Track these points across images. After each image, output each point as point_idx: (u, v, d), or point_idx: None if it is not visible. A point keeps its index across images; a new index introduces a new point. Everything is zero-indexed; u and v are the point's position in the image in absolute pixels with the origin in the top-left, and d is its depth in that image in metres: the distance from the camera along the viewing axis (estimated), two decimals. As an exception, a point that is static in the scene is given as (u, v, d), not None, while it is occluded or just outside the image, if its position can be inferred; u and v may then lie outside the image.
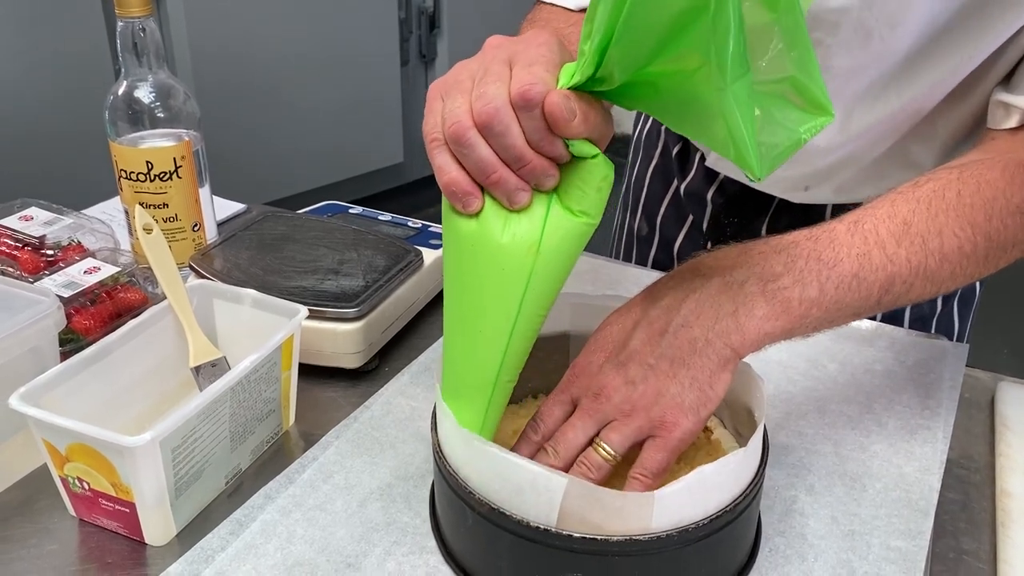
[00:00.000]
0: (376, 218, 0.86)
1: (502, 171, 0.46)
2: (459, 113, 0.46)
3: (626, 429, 0.51)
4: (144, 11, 0.74)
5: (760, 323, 0.51)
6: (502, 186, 0.47)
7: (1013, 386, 0.69)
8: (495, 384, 0.51)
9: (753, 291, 0.51)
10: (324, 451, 0.62)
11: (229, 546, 0.54)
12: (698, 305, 0.51)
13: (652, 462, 0.50)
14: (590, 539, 0.46)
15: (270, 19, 2.22)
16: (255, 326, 0.63)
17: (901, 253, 0.54)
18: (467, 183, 0.47)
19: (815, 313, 0.52)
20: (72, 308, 0.68)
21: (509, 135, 0.45)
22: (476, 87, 0.46)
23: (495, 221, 0.48)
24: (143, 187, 0.76)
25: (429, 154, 0.48)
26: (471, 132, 0.46)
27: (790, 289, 0.52)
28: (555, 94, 0.45)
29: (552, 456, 0.52)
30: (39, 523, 0.57)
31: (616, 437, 0.51)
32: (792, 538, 0.55)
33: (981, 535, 0.57)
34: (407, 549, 0.54)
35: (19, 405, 0.52)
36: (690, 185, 0.90)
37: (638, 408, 0.50)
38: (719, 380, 0.51)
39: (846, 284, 0.53)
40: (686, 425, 0.50)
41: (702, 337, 0.51)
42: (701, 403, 0.50)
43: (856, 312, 0.54)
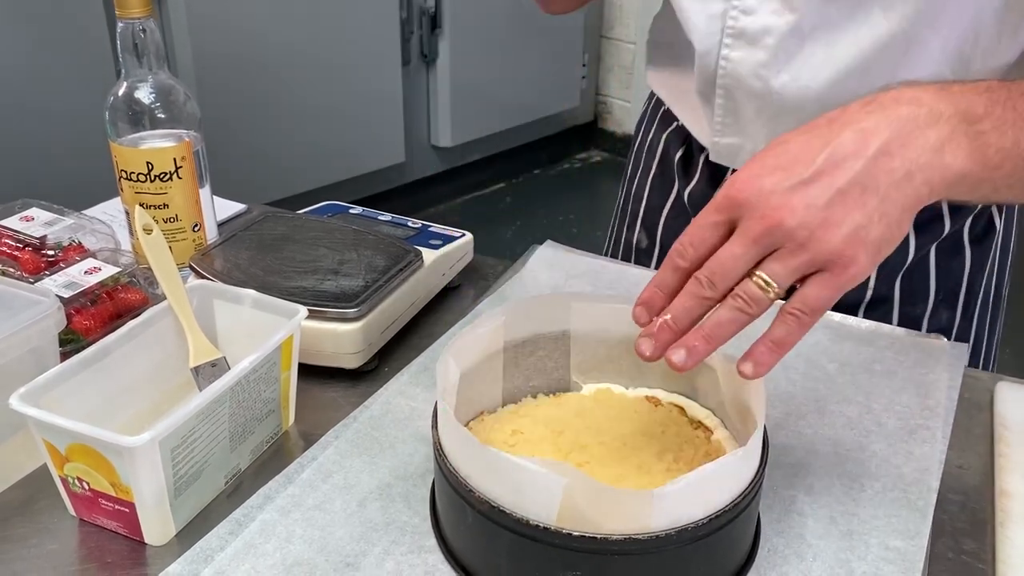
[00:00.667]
0: (376, 218, 0.86)
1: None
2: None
3: (795, 260, 0.46)
4: (144, 12, 0.74)
5: (958, 162, 0.48)
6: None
7: (1012, 386, 0.70)
8: None
9: (957, 128, 0.48)
10: (323, 451, 0.62)
11: (228, 546, 0.54)
12: (902, 133, 0.47)
13: (815, 299, 0.47)
14: (589, 538, 0.46)
15: (271, 19, 2.22)
16: (255, 326, 0.64)
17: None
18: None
19: (1006, 166, 0.49)
20: (72, 308, 0.68)
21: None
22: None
23: None
24: (143, 187, 0.77)
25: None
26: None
27: (988, 134, 0.48)
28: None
29: (707, 287, 0.48)
30: (39, 523, 0.57)
31: (781, 269, 0.46)
32: (791, 538, 0.55)
33: (980, 535, 0.57)
34: (406, 548, 0.54)
35: (19, 405, 0.53)
36: (694, 190, 0.89)
37: (816, 236, 0.46)
38: (907, 219, 0.47)
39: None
40: (863, 262, 0.46)
41: (902, 168, 0.47)
42: (885, 239, 0.47)
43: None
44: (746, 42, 0.73)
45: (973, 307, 0.84)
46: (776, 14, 0.71)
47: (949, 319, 0.83)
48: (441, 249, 0.80)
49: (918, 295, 0.82)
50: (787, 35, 0.71)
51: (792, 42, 0.72)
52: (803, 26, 0.71)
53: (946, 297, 0.83)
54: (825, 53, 0.71)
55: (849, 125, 0.48)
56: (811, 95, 0.73)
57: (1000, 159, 0.49)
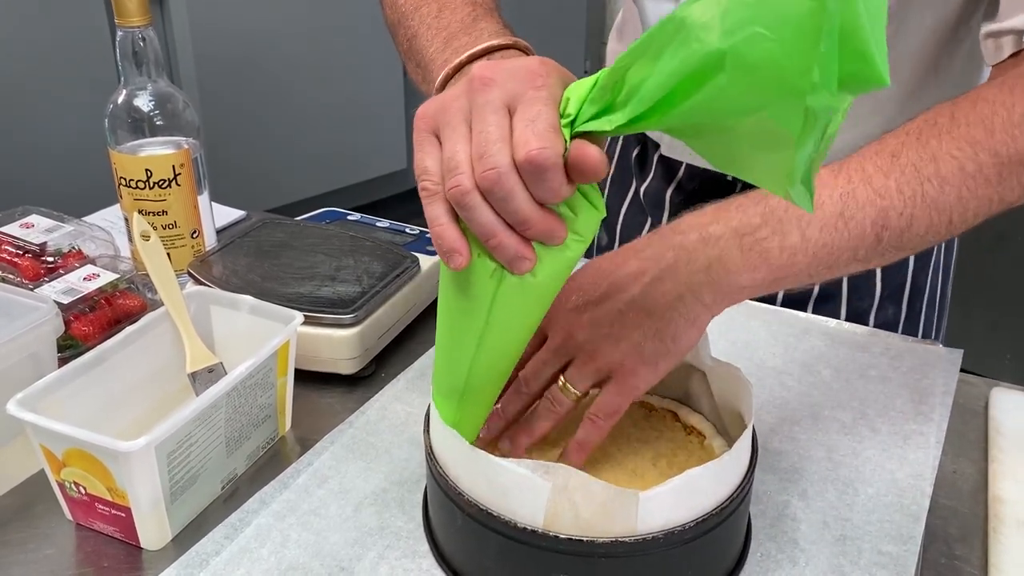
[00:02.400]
0: (374, 224, 0.86)
1: (503, 236, 0.44)
2: (459, 168, 0.43)
3: (587, 368, 0.52)
4: (143, 20, 0.74)
5: (734, 278, 0.51)
6: (502, 252, 0.44)
7: (1007, 392, 0.70)
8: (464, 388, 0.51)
9: (729, 245, 0.51)
10: (319, 456, 0.62)
11: (224, 550, 0.55)
12: (675, 260, 0.52)
13: (605, 404, 0.52)
14: (576, 540, 0.47)
15: (273, 26, 2.23)
16: (252, 332, 0.64)
17: (891, 184, 0.52)
18: (456, 239, 0.45)
19: (801, 260, 0.51)
20: (71, 314, 0.69)
21: (514, 199, 0.43)
22: (475, 137, 0.43)
23: (483, 267, 0.46)
24: (142, 194, 0.77)
25: (422, 199, 0.45)
26: (472, 195, 0.43)
27: (769, 239, 0.51)
28: (589, 148, 0.42)
29: (523, 386, 0.54)
30: (36, 528, 0.58)
31: (577, 375, 0.52)
32: (784, 543, 0.55)
33: (973, 541, 0.57)
34: (400, 553, 0.55)
35: (16, 411, 0.53)
36: (649, 187, 0.90)
37: (600, 351, 0.52)
38: (685, 335, 0.51)
39: (831, 225, 0.52)
40: (643, 373, 0.51)
41: (674, 291, 0.51)
42: (661, 355, 0.51)
43: (855, 254, 0.53)
44: None
45: (919, 304, 0.87)
46: None
47: (895, 314, 0.86)
48: (438, 255, 0.80)
49: (864, 291, 0.84)
50: None
51: None
52: None
53: (892, 293, 0.85)
54: None
55: (636, 254, 0.53)
56: None
57: (788, 256, 0.51)
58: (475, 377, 0.50)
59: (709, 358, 0.57)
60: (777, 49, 0.36)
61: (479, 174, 0.43)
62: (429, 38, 0.59)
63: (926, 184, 0.53)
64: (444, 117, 0.45)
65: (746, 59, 0.37)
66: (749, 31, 0.36)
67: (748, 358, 0.73)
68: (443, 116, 0.45)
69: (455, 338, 0.50)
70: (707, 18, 0.37)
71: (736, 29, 0.37)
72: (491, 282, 0.46)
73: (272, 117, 2.31)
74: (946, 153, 0.53)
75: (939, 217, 0.53)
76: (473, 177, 0.43)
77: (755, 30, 0.36)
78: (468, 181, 0.43)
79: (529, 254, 0.45)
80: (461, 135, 0.44)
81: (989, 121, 0.54)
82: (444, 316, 0.50)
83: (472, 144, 0.43)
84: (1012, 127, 0.53)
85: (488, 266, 0.46)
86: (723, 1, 0.37)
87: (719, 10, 0.37)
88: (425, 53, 0.59)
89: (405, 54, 0.64)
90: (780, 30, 0.36)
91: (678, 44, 0.38)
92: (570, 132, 0.43)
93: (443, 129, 0.45)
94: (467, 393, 0.51)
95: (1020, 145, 0.53)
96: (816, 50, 0.36)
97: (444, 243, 0.45)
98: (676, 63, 0.39)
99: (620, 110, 0.42)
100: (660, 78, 0.39)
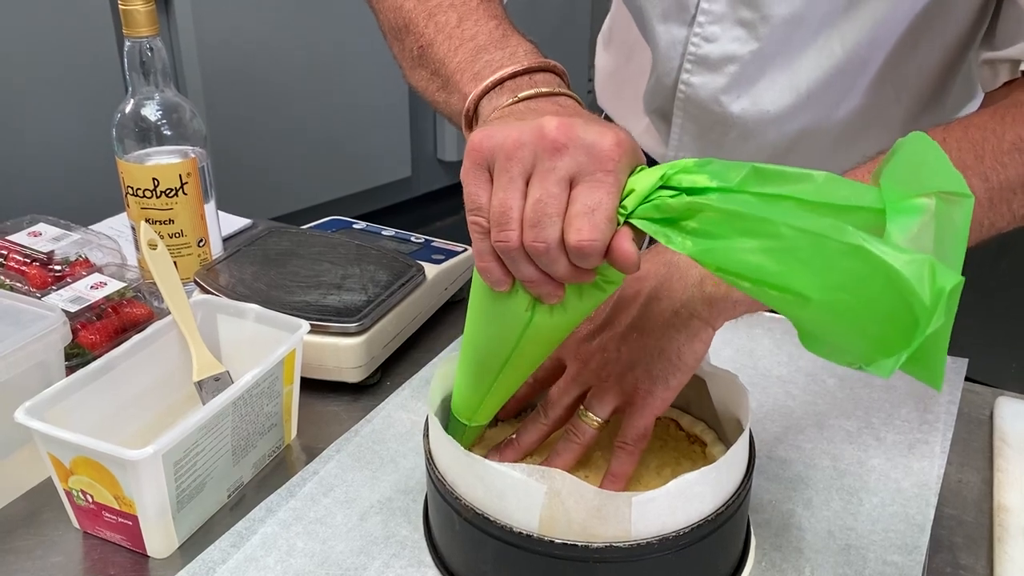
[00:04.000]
0: (380, 233, 0.87)
1: (541, 281, 0.46)
2: (510, 225, 0.44)
3: (605, 396, 0.53)
4: (151, 31, 0.75)
5: (727, 292, 0.51)
6: (537, 289, 0.47)
7: (1012, 401, 0.70)
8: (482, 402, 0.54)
9: None
10: (325, 465, 0.63)
11: (230, 558, 0.55)
12: (669, 279, 0.52)
13: (631, 429, 0.52)
14: (571, 545, 0.47)
15: (278, 36, 2.24)
16: (258, 341, 0.64)
17: None
18: (501, 276, 0.47)
19: None
20: (78, 323, 0.69)
21: (554, 267, 0.45)
22: (533, 202, 0.44)
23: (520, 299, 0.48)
24: (149, 203, 0.78)
25: (471, 232, 0.47)
26: (518, 252, 0.45)
27: None
28: (627, 245, 0.43)
29: (542, 416, 0.54)
30: (43, 535, 0.58)
31: (597, 404, 0.53)
32: (788, 552, 0.55)
33: (978, 550, 0.57)
34: (405, 562, 0.55)
35: (24, 419, 0.53)
36: None
37: (612, 375, 0.52)
38: (689, 351, 0.52)
39: None
40: (658, 392, 0.52)
41: (670, 309, 0.52)
42: (669, 372, 0.52)
43: None
44: (707, 68, 0.74)
45: None
46: (739, 42, 0.72)
47: None
48: (443, 264, 0.80)
49: None
50: (749, 62, 0.73)
51: (754, 69, 0.73)
52: (766, 53, 0.72)
53: None
54: (787, 79, 0.73)
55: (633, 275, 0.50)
56: (769, 119, 0.75)
57: None
58: (495, 392, 0.53)
59: (708, 365, 0.57)
60: (870, 318, 0.38)
61: (528, 241, 0.44)
62: (451, 48, 0.58)
63: None
64: (502, 162, 0.45)
65: (831, 311, 0.39)
66: (845, 297, 0.38)
67: (752, 367, 0.73)
68: (502, 160, 0.45)
69: (481, 360, 0.52)
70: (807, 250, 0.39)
71: (837, 288, 0.38)
72: (526, 314, 0.48)
73: (276, 126, 2.31)
74: None
75: None
76: (521, 238, 0.44)
77: (848, 298, 0.38)
78: (516, 240, 0.44)
79: (560, 292, 0.47)
80: (517, 189, 0.44)
81: (979, 147, 0.54)
82: (473, 338, 0.52)
83: (527, 206, 0.44)
84: (1002, 154, 0.54)
85: (524, 299, 0.48)
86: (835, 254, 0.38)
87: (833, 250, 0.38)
88: (447, 63, 0.58)
89: (413, 60, 0.63)
90: (873, 311, 0.38)
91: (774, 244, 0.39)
92: (622, 222, 0.44)
93: (499, 174, 0.45)
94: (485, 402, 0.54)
95: (1010, 173, 0.54)
96: (893, 348, 0.38)
97: (490, 277, 0.47)
98: (763, 261, 0.40)
99: (687, 237, 0.42)
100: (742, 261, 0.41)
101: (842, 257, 0.38)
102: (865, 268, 0.37)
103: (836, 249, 0.38)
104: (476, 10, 0.60)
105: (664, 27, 0.76)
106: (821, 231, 0.38)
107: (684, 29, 0.74)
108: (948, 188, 0.40)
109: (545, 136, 0.44)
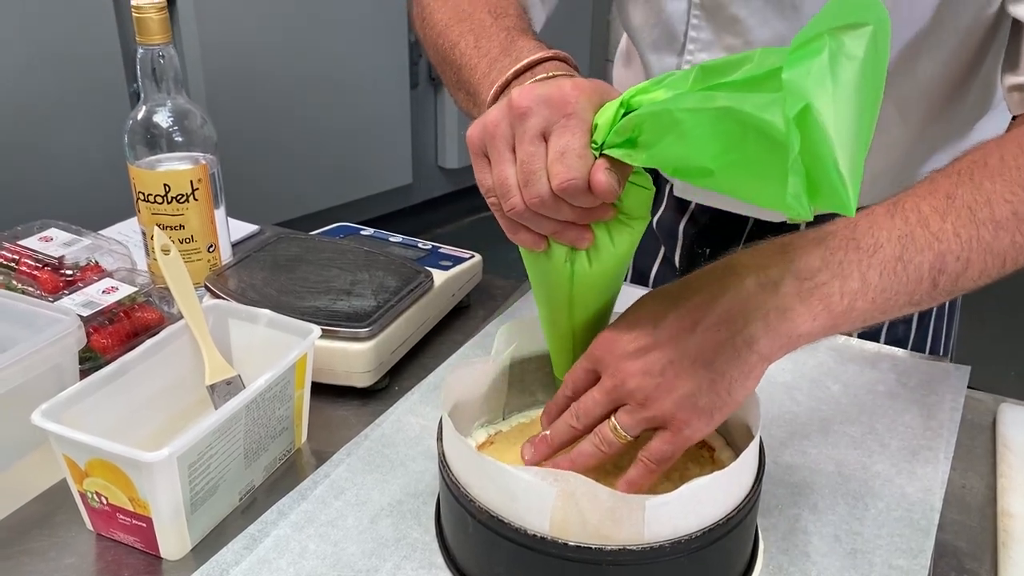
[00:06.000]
0: (387, 240, 0.87)
1: (562, 230, 0.50)
2: (511, 193, 0.48)
3: (638, 416, 0.51)
4: (164, 39, 0.76)
5: (793, 326, 0.49)
6: (564, 238, 0.50)
7: (1014, 408, 0.70)
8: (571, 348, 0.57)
9: (788, 291, 0.50)
10: (336, 468, 0.63)
11: (243, 560, 0.55)
12: (730, 306, 0.50)
13: (658, 451, 0.51)
14: (584, 547, 0.47)
15: (282, 44, 2.25)
16: (269, 345, 0.65)
17: (948, 228, 0.51)
18: (530, 240, 0.51)
19: (861, 305, 0.50)
20: (91, 327, 0.70)
21: (560, 213, 0.48)
22: (520, 166, 0.48)
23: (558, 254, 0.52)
24: (160, 209, 0.78)
25: (493, 212, 0.51)
26: (527, 213, 0.49)
27: (829, 284, 0.50)
28: (600, 175, 0.46)
29: (575, 421, 0.54)
30: (57, 537, 0.58)
31: (628, 421, 0.51)
32: (795, 556, 0.56)
33: (982, 555, 0.58)
34: (416, 564, 0.55)
35: (41, 421, 0.54)
36: (662, 217, 0.91)
37: (651, 400, 0.50)
38: (741, 386, 0.50)
39: (890, 269, 0.50)
40: (697, 425, 0.50)
41: (729, 341, 0.49)
42: (716, 407, 0.50)
43: (911, 298, 0.52)
44: None
45: (928, 320, 0.87)
46: None
47: (905, 331, 0.86)
48: (451, 270, 0.81)
49: None
50: None
51: None
52: None
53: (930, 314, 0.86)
54: None
55: (689, 297, 0.51)
56: None
57: (849, 301, 0.50)
58: (579, 347, 0.56)
59: None
60: (760, 167, 0.41)
61: (527, 200, 0.48)
62: (472, 67, 0.62)
63: (981, 228, 0.52)
64: (489, 142, 0.50)
65: (732, 174, 0.43)
66: (736, 158, 0.42)
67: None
68: (488, 140, 0.50)
69: (552, 320, 0.56)
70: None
71: (726, 151, 0.42)
72: (567, 266, 0.52)
73: (278, 133, 2.32)
74: (1000, 197, 0.52)
75: (993, 261, 0.53)
76: (523, 200, 0.48)
77: (738, 157, 0.42)
78: (520, 203, 0.48)
79: (587, 234, 0.50)
80: (507, 160, 0.49)
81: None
82: (540, 303, 0.57)
83: (518, 171, 0.48)
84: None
85: (561, 252, 0.52)
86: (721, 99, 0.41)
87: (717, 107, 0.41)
88: (472, 81, 0.62)
89: (454, 87, 0.67)
90: (762, 145, 0.40)
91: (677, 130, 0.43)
92: (598, 155, 0.47)
93: (491, 153, 0.50)
94: (578, 349, 0.56)
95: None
96: (793, 187, 0.40)
97: (524, 243, 0.51)
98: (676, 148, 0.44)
99: (641, 150, 0.46)
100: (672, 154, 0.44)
101: (719, 123, 0.41)
102: (737, 126, 0.41)
103: (713, 116, 0.41)
104: (490, 28, 0.64)
105: (656, 56, 0.77)
106: (696, 105, 0.42)
107: (675, 58, 0.76)
108: (848, 22, 0.41)
109: (512, 106, 0.48)
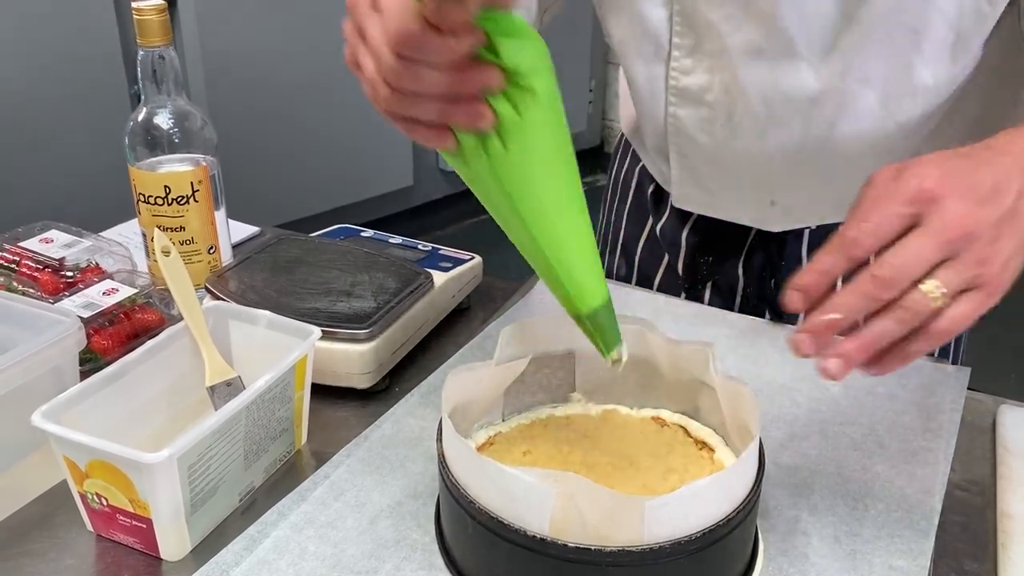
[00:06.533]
0: (387, 241, 0.88)
1: (449, 110, 0.47)
2: (376, 84, 0.48)
3: (968, 273, 0.46)
4: (164, 41, 0.76)
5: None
6: (459, 121, 0.47)
7: (1014, 409, 0.70)
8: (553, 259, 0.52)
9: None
10: (335, 469, 0.63)
11: (243, 561, 0.55)
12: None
13: (963, 316, 0.46)
14: (584, 548, 0.47)
15: (282, 46, 2.25)
16: (269, 346, 0.65)
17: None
18: (431, 136, 0.49)
19: None
20: (91, 328, 0.70)
21: (428, 84, 0.46)
22: (369, 48, 0.47)
23: (468, 145, 0.49)
24: (161, 210, 0.78)
25: (394, 122, 0.50)
26: (396, 97, 0.47)
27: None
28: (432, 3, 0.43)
29: (884, 289, 0.46)
30: (57, 538, 0.58)
31: (955, 278, 0.45)
32: (795, 557, 0.56)
33: (982, 556, 0.58)
34: (416, 565, 0.55)
35: (41, 422, 0.54)
36: (665, 225, 0.91)
37: (993, 259, 0.46)
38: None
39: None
40: (1005, 288, 0.47)
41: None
42: (1015, 274, 0.48)
43: None
44: (689, 101, 0.76)
45: None
46: (711, 72, 0.73)
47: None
48: (451, 272, 0.81)
49: None
50: (722, 92, 0.74)
51: (728, 99, 0.74)
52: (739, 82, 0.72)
53: None
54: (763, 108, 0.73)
55: (1000, 163, 0.48)
56: (755, 149, 0.75)
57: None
58: (553, 248, 0.51)
59: (718, 373, 0.58)
60: None
61: (385, 78, 0.47)
62: None
63: None
64: (350, 38, 0.50)
65: None
66: None
67: (757, 375, 0.74)
68: (349, 38, 0.50)
69: (515, 235, 0.53)
70: None
71: None
72: (483, 157, 0.49)
73: (278, 134, 2.33)
74: None
75: None
76: (384, 79, 0.47)
77: None
78: (385, 89, 0.47)
79: (480, 110, 0.46)
80: (364, 52, 0.49)
81: None
82: (498, 220, 0.53)
83: (371, 55, 0.47)
84: None
85: (471, 142, 0.49)
86: None
87: None
88: None
89: None
90: None
91: None
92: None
93: (356, 50, 0.50)
94: (561, 264, 0.52)
95: None
96: None
97: (428, 142, 0.49)
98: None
99: None
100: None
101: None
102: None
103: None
104: None
105: (644, 67, 0.78)
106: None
107: (662, 66, 0.76)
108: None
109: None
